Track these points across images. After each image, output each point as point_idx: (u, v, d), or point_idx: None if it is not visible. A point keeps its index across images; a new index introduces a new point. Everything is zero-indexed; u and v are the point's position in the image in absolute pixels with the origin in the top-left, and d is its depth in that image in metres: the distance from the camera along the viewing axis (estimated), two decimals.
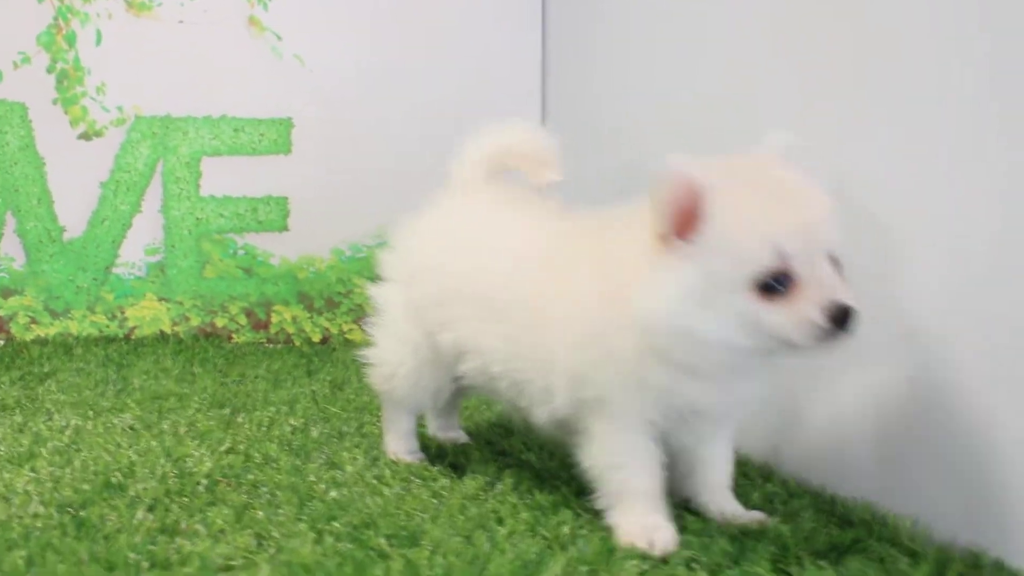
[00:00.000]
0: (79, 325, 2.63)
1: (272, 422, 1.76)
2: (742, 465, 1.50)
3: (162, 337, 2.64)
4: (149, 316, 2.65)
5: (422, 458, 1.57)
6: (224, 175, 2.65)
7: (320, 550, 1.12)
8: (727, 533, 1.22)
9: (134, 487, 1.36)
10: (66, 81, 2.56)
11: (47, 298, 2.62)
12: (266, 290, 2.68)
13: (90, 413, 1.81)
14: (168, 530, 1.21)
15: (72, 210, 2.60)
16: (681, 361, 1.16)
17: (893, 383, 1.36)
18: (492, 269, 1.37)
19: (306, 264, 2.69)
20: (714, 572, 1.12)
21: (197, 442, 1.60)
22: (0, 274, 2.60)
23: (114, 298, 2.64)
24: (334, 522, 1.23)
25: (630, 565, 1.11)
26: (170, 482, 1.38)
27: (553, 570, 1.08)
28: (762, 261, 1.10)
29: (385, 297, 1.58)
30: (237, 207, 2.66)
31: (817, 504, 1.36)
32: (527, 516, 1.27)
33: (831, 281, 1.11)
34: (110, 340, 2.60)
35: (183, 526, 1.22)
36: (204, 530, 1.21)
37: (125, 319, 2.65)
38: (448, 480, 1.44)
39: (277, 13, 2.61)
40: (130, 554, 1.10)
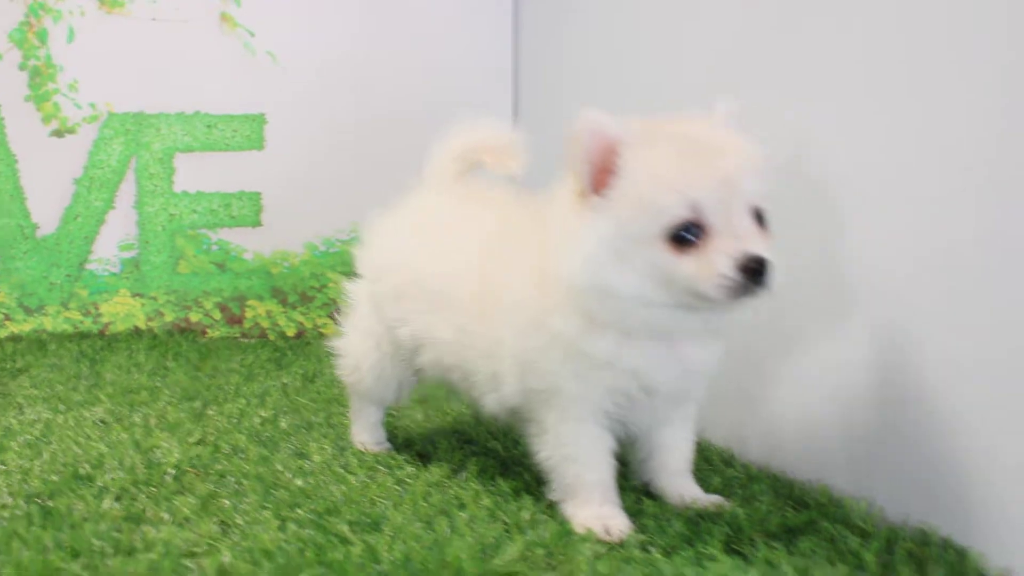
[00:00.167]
0: (53, 321, 2.64)
1: (242, 414, 1.78)
2: (704, 451, 1.53)
3: (136, 333, 2.65)
4: (123, 312, 2.66)
5: (388, 448, 1.59)
6: (197, 171, 2.66)
7: (282, 536, 1.14)
8: (683, 516, 1.25)
9: (102, 477, 1.37)
10: (38, 78, 2.57)
11: (21, 295, 2.63)
12: (240, 285, 2.70)
13: (61, 407, 1.82)
14: (134, 518, 1.22)
15: (45, 207, 2.61)
16: (607, 321, 1.15)
17: (854, 370, 1.38)
18: (443, 261, 1.39)
19: (280, 259, 2.71)
20: (668, 554, 1.14)
21: (167, 434, 1.62)
22: None
23: (88, 294, 2.65)
24: (298, 509, 1.25)
25: (586, 548, 1.13)
26: (138, 472, 1.40)
27: (511, 553, 1.10)
28: (673, 211, 1.08)
29: (355, 292, 1.60)
30: (211, 203, 2.67)
31: (776, 488, 1.38)
32: (488, 502, 1.29)
33: (746, 232, 1.09)
34: (84, 336, 2.61)
35: (149, 514, 1.24)
36: (170, 518, 1.23)
37: (99, 315, 2.66)
38: (414, 468, 1.46)
39: (249, 9, 2.63)
40: (95, 541, 1.12)
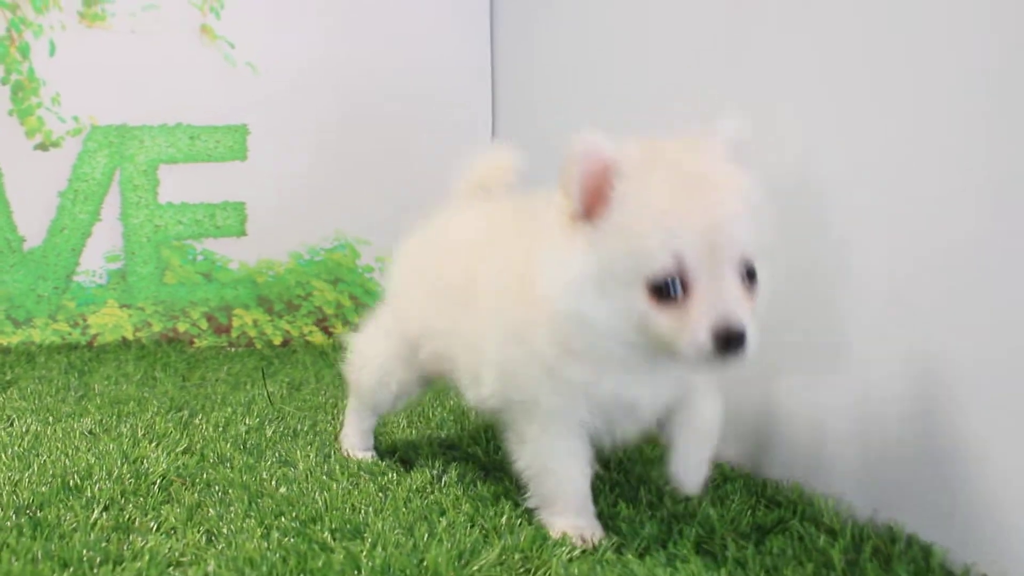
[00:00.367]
0: (41, 333, 2.67)
1: (228, 422, 1.81)
2: None
3: (124, 343, 2.68)
4: (111, 323, 2.69)
5: (373, 456, 1.62)
6: (181, 182, 2.69)
7: (266, 545, 1.18)
8: (656, 518, 1.28)
9: (91, 488, 1.40)
10: (21, 92, 2.59)
11: (9, 307, 2.65)
12: (226, 294, 2.73)
13: (50, 419, 1.85)
14: (122, 528, 1.25)
15: (31, 220, 2.64)
16: (581, 350, 1.15)
17: (821, 370, 1.42)
18: (443, 254, 1.42)
19: (265, 268, 2.74)
20: (642, 555, 1.18)
21: (154, 444, 1.65)
22: None
23: (76, 306, 2.68)
24: (282, 517, 1.28)
25: (561, 551, 1.16)
26: (126, 482, 1.43)
27: (488, 558, 1.14)
28: (658, 263, 1.04)
29: (380, 306, 1.62)
30: (195, 213, 2.70)
31: (749, 487, 1.42)
32: (468, 508, 1.32)
33: (728, 296, 1.04)
34: (72, 347, 2.64)
35: (137, 524, 1.27)
36: (156, 527, 1.26)
37: (87, 326, 2.68)
38: (395, 474, 1.49)
39: (229, 21, 2.66)
40: (84, 551, 1.15)
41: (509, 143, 1.63)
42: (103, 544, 1.18)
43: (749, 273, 1.07)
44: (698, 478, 1.30)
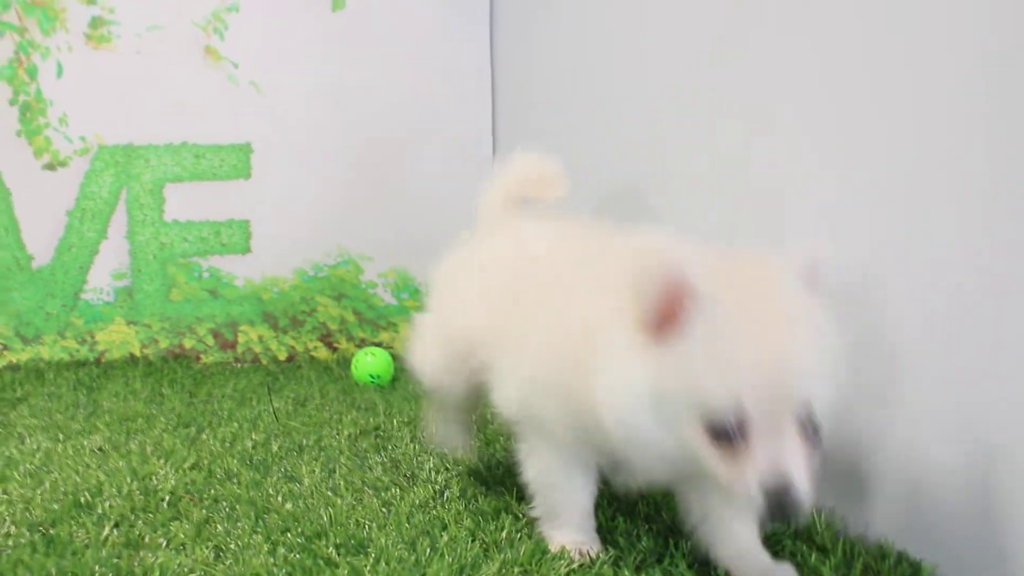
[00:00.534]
0: (50, 350, 2.70)
1: (235, 438, 1.84)
2: None
3: (132, 360, 2.72)
4: (118, 340, 2.73)
5: (467, 450, 1.71)
6: (187, 200, 2.73)
7: (272, 560, 1.21)
8: (653, 531, 1.32)
9: (101, 505, 1.44)
10: (29, 113, 2.64)
11: (18, 325, 2.69)
12: (232, 311, 2.76)
13: (60, 436, 1.89)
14: (132, 544, 1.29)
15: (40, 239, 2.68)
16: (623, 448, 1.11)
17: None
18: (498, 262, 1.44)
19: (270, 284, 2.77)
20: (638, 570, 1.21)
21: (163, 460, 1.68)
22: None
23: (84, 323, 2.71)
24: (288, 533, 1.32)
25: (560, 565, 1.20)
26: (136, 499, 1.46)
27: (488, 572, 1.17)
28: (719, 405, 0.99)
29: (425, 324, 1.64)
30: (200, 231, 2.74)
31: None
32: (469, 523, 1.36)
33: (786, 453, 0.99)
34: (81, 364, 2.68)
35: (147, 540, 1.31)
36: (166, 544, 1.29)
37: (95, 343, 2.72)
38: (399, 490, 1.52)
39: (233, 42, 2.70)
40: (96, 567, 1.19)
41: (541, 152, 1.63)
42: (115, 560, 1.21)
43: (812, 425, 1.01)
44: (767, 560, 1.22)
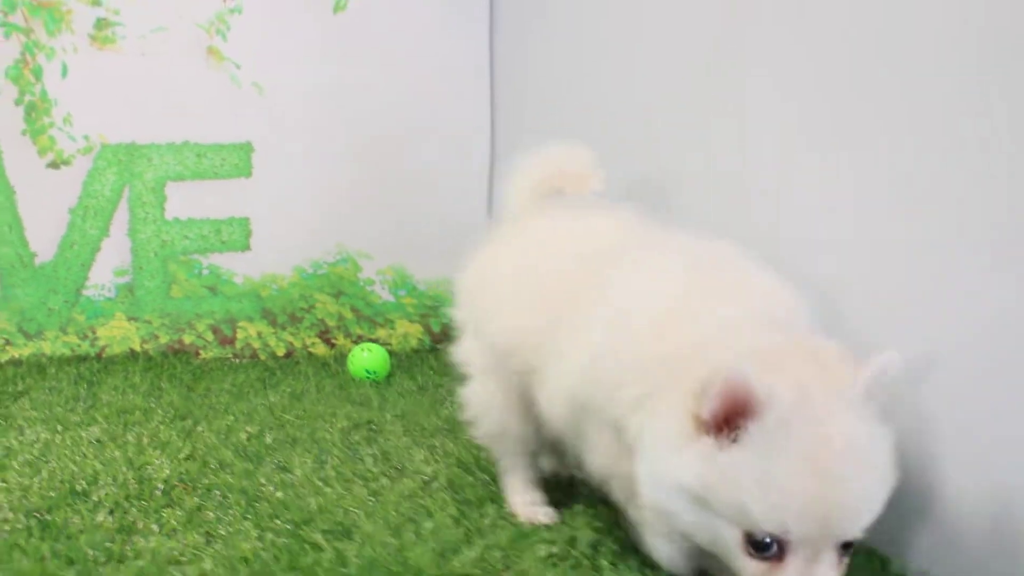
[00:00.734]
0: (52, 345, 2.74)
1: (230, 430, 1.88)
2: None
3: (132, 355, 2.75)
4: (119, 335, 2.76)
5: (545, 511, 1.43)
6: (188, 199, 2.76)
7: (260, 545, 1.25)
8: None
9: (97, 493, 1.48)
10: (34, 112, 2.67)
11: (20, 320, 2.73)
12: (231, 307, 2.80)
13: (59, 427, 1.92)
14: (125, 530, 1.33)
15: (43, 236, 2.71)
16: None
17: None
18: (544, 260, 1.39)
19: (269, 282, 2.81)
20: (618, 554, 1.24)
21: (158, 451, 1.72)
22: None
23: (85, 319, 2.75)
24: (277, 520, 1.36)
25: (540, 548, 1.23)
26: (130, 488, 1.50)
27: (470, 555, 1.21)
28: (763, 524, 1.01)
29: (468, 351, 1.53)
30: (201, 229, 2.77)
31: None
32: (454, 511, 1.40)
33: (822, 569, 1.01)
34: (82, 359, 2.72)
35: (139, 526, 1.34)
36: (158, 529, 1.33)
37: (96, 339, 2.76)
38: (388, 480, 1.56)
39: (235, 43, 2.73)
40: (89, 551, 1.23)
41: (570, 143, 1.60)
42: (107, 544, 1.25)
43: (846, 545, 1.04)
44: None
